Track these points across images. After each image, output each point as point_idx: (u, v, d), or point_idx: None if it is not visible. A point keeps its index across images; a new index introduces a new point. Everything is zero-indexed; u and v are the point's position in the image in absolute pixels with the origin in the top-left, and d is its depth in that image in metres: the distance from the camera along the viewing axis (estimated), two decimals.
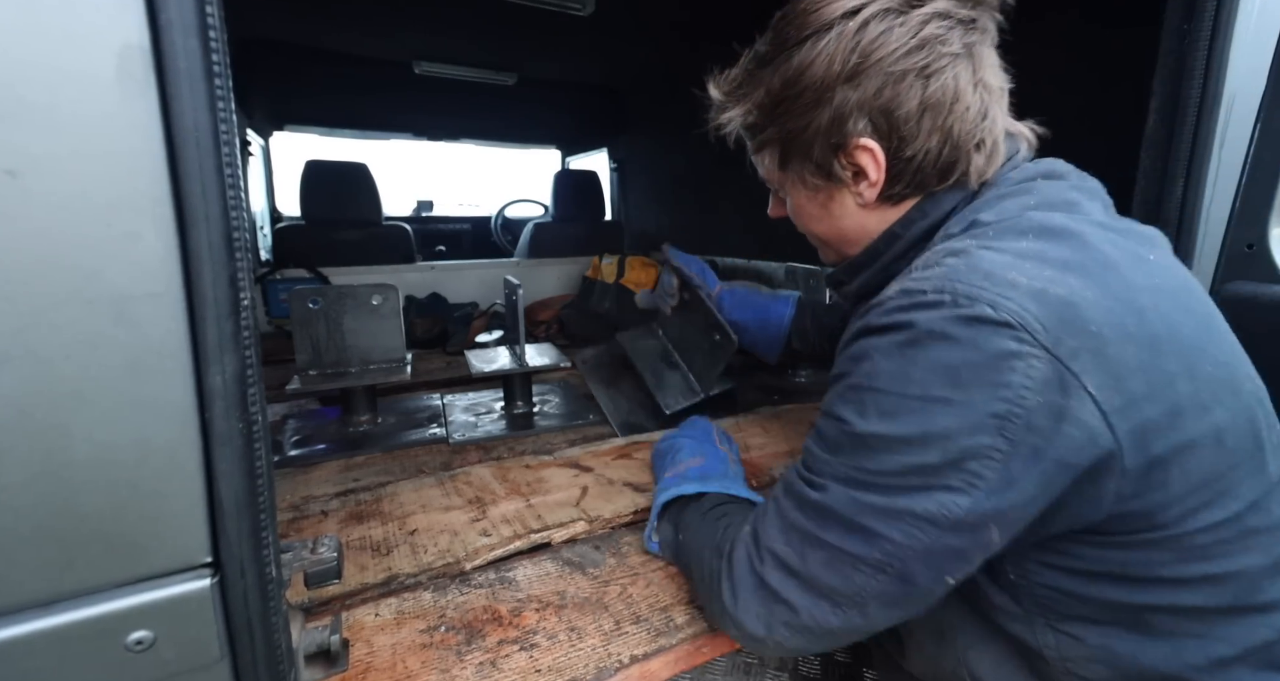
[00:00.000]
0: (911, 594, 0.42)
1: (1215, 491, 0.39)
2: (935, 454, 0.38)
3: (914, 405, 0.39)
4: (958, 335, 0.38)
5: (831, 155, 0.53)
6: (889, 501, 0.40)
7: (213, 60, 0.33)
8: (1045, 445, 0.37)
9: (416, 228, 2.53)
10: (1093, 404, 0.36)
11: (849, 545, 0.42)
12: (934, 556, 0.40)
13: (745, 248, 2.11)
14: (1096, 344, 0.37)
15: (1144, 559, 0.40)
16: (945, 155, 0.50)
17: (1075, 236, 0.42)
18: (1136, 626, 0.41)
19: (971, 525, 0.38)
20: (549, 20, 1.75)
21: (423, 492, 0.92)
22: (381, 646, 0.59)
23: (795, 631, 0.46)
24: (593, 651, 0.59)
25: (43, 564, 0.35)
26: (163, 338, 0.35)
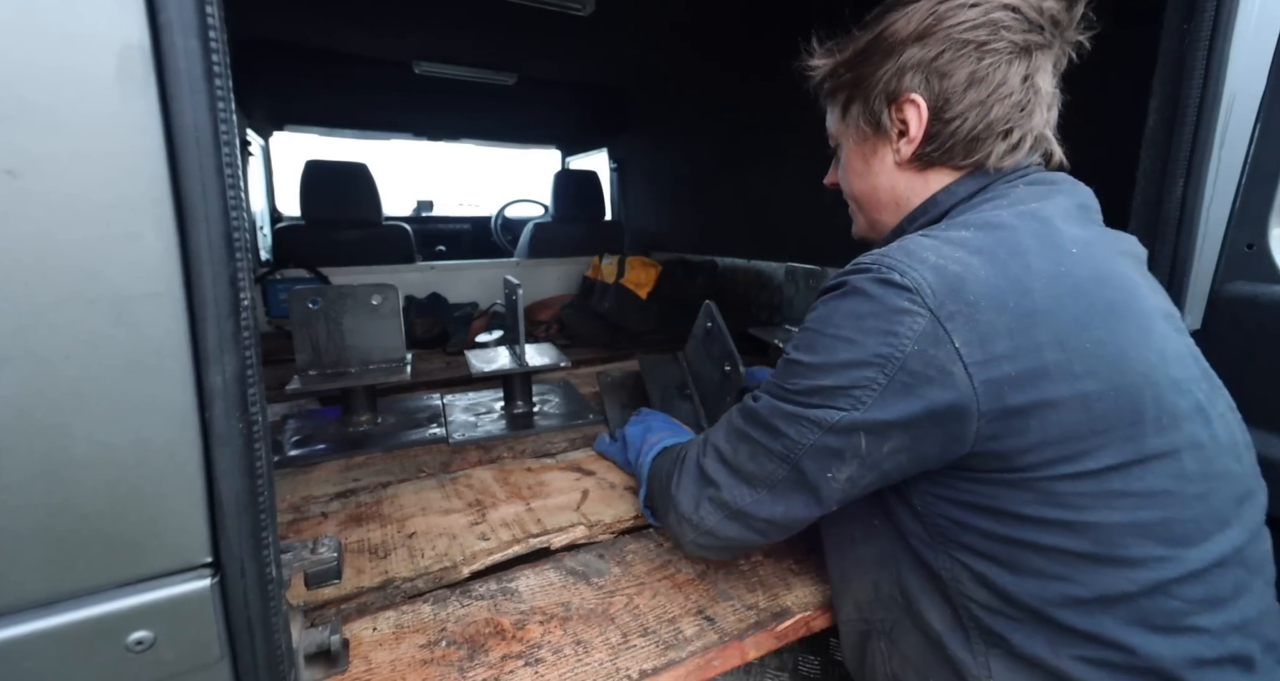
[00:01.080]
0: (804, 483, 0.53)
1: (1076, 449, 0.45)
2: (832, 379, 0.49)
3: (827, 341, 0.50)
4: (871, 292, 0.48)
5: (885, 105, 0.60)
6: (795, 410, 0.52)
7: (213, 60, 0.33)
8: (914, 383, 0.46)
9: (416, 228, 2.53)
10: (958, 357, 0.45)
11: (764, 439, 0.54)
12: (818, 452, 0.51)
13: (745, 248, 2.11)
14: (970, 311, 0.46)
15: (1009, 496, 0.47)
16: (977, 131, 0.56)
17: (1003, 228, 0.51)
18: (1007, 560, 0.48)
19: (844, 431, 0.49)
20: (549, 20, 1.75)
21: (423, 495, 0.91)
22: (380, 663, 0.58)
23: (717, 507, 0.59)
24: (600, 666, 0.58)
25: (43, 564, 0.35)
26: (163, 338, 0.35)
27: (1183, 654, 0.45)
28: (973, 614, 0.51)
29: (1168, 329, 0.52)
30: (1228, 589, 0.46)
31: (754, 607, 0.68)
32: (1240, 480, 0.50)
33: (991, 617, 0.50)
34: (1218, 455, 0.49)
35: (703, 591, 0.70)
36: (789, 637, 0.67)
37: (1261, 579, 0.49)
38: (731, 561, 0.76)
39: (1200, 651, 0.45)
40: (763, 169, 1.99)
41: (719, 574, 0.74)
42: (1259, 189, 0.73)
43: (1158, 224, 0.72)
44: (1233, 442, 0.51)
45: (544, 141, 3.43)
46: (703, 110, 2.34)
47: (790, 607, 0.68)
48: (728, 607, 0.68)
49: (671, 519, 0.65)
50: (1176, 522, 0.46)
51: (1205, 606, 0.45)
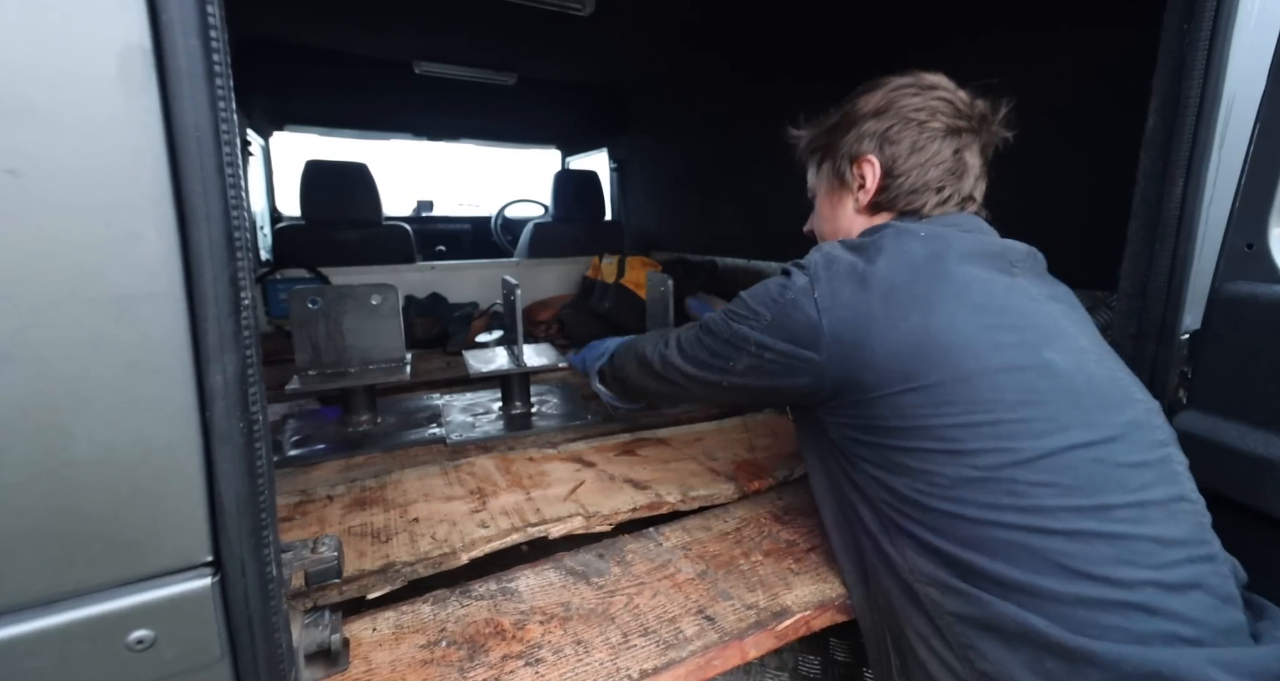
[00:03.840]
0: (715, 362, 0.72)
1: (905, 369, 0.59)
2: (750, 307, 0.68)
3: (758, 290, 0.69)
4: (787, 268, 0.68)
5: (848, 164, 0.77)
6: (729, 317, 0.71)
7: (213, 60, 0.33)
8: (790, 317, 0.64)
9: (416, 228, 2.53)
10: (814, 303, 0.63)
11: (701, 335, 0.75)
12: (728, 344, 0.70)
13: (745, 248, 2.11)
14: (831, 276, 0.64)
15: (876, 414, 0.62)
16: (917, 186, 0.73)
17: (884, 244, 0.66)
18: (889, 466, 0.62)
19: (744, 338, 0.68)
20: (549, 20, 1.75)
21: (426, 481, 0.92)
22: (380, 663, 0.58)
23: (660, 355, 0.81)
24: (600, 666, 0.58)
25: (43, 563, 0.35)
26: (163, 337, 0.35)
27: (1034, 524, 0.54)
28: (887, 515, 0.63)
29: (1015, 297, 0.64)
30: (1075, 477, 0.55)
31: (754, 607, 0.68)
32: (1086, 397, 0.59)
33: (898, 517, 0.62)
34: (1051, 376, 0.59)
35: (703, 591, 0.70)
36: (789, 637, 0.67)
37: (1139, 479, 0.57)
38: (731, 560, 0.76)
39: (1049, 524, 0.54)
40: (763, 169, 1.99)
41: (719, 573, 0.74)
42: (1259, 189, 0.73)
43: (1158, 224, 0.72)
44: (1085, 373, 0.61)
45: (544, 141, 3.42)
46: (703, 110, 2.34)
47: (790, 607, 0.68)
48: (728, 607, 0.68)
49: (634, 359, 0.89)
50: (1004, 423, 0.57)
51: (1049, 489, 0.55)
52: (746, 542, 0.81)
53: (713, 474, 0.97)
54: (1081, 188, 1.11)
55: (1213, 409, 0.76)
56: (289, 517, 0.82)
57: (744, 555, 0.78)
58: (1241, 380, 0.74)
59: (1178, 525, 0.56)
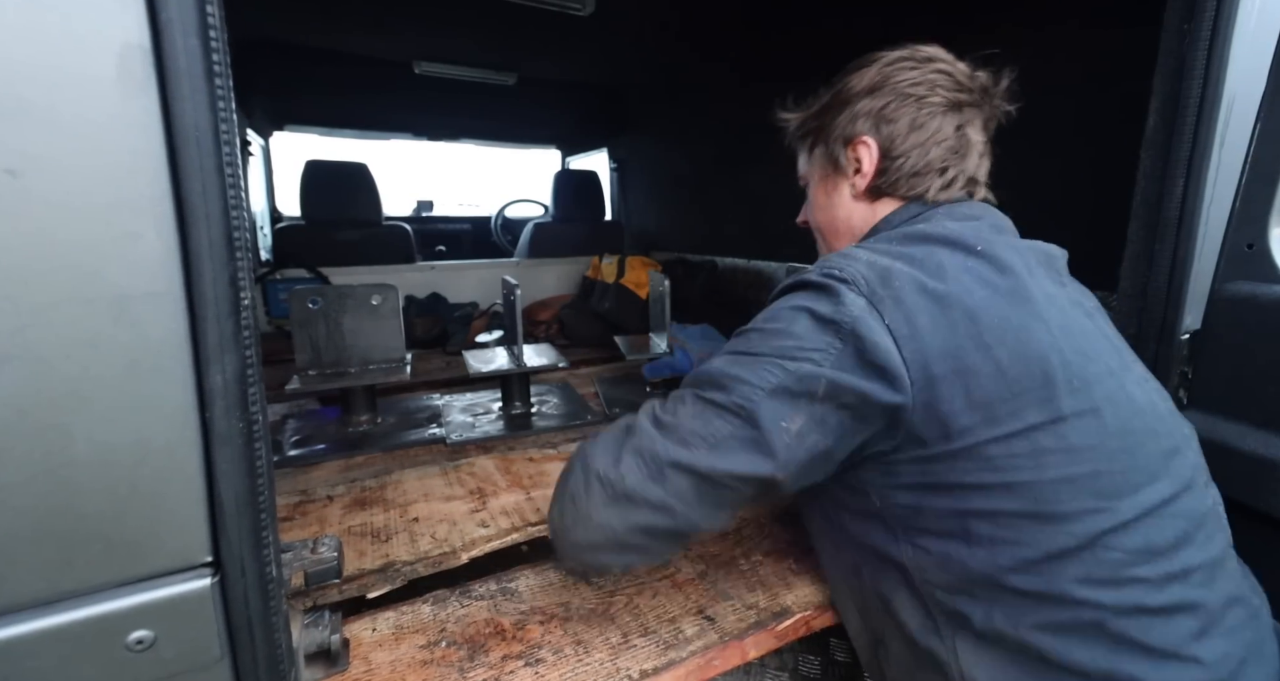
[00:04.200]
0: (755, 433, 0.52)
1: (999, 411, 0.50)
2: (794, 340, 0.53)
3: (787, 314, 0.55)
4: (818, 282, 0.55)
5: (843, 146, 0.70)
6: (759, 358, 0.53)
7: (213, 60, 0.33)
8: (860, 351, 0.51)
9: (416, 228, 2.53)
10: (887, 330, 0.51)
11: (716, 396, 0.54)
12: (776, 398, 0.51)
13: (745, 248, 2.11)
14: (896, 294, 0.52)
15: (952, 468, 0.51)
16: (918, 167, 0.66)
17: (920, 236, 0.59)
18: (963, 534, 0.51)
19: (810, 378, 0.51)
20: (549, 20, 1.75)
21: (426, 481, 0.92)
22: (380, 663, 0.58)
23: (644, 460, 0.54)
24: (600, 666, 0.58)
25: (43, 563, 0.35)
26: (163, 337, 0.35)
27: (1127, 603, 0.47)
28: (937, 599, 0.54)
29: (1076, 313, 0.58)
30: (1164, 539, 0.49)
31: (754, 607, 0.68)
32: (1165, 437, 0.54)
33: (954, 599, 0.52)
34: (1136, 414, 0.53)
35: (703, 591, 0.70)
36: (789, 637, 0.67)
37: (1204, 532, 0.52)
38: (731, 560, 0.76)
39: (1143, 599, 0.48)
40: (763, 169, 1.98)
41: (719, 573, 0.74)
42: (1259, 189, 0.73)
43: (1158, 224, 0.72)
44: (1151, 403, 0.56)
45: (544, 141, 3.42)
46: (703, 110, 2.34)
47: (790, 607, 0.68)
48: (728, 607, 0.68)
49: (575, 483, 0.56)
50: (1104, 475, 0.50)
51: (1144, 556, 0.49)
52: (746, 542, 0.81)
53: None
54: (1082, 187, 1.11)
55: (1213, 409, 0.76)
56: (289, 517, 0.82)
57: (744, 555, 0.78)
58: (1241, 380, 0.74)
59: (1233, 580, 0.52)
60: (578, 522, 0.56)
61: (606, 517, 0.54)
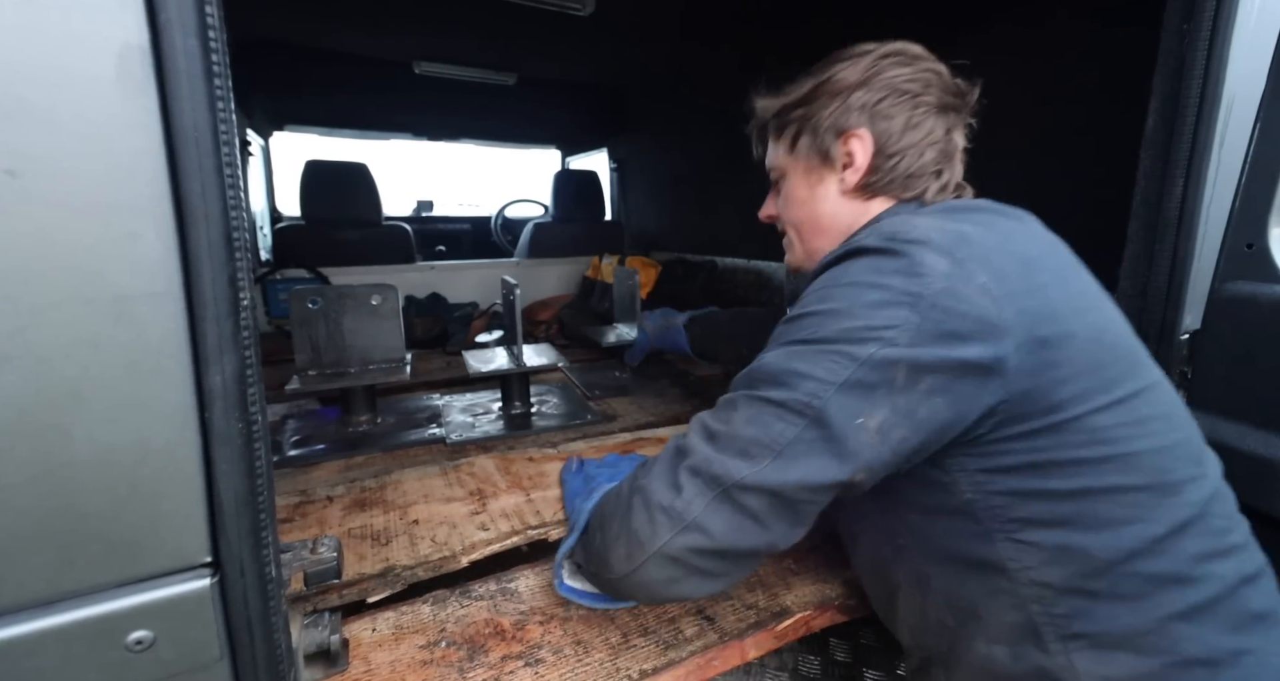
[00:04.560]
0: (827, 436, 0.46)
1: (1104, 377, 0.47)
2: (861, 320, 0.46)
3: (845, 290, 0.49)
4: (883, 246, 0.49)
5: (834, 138, 0.65)
6: (819, 346, 0.47)
7: (212, 60, 0.33)
8: (947, 319, 0.45)
9: (416, 228, 2.53)
10: (984, 290, 0.45)
11: (774, 393, 0.48)
12: (849, 392, 0.45)
13: (745, 248, 2.11)
14: (983, 253, 0.48)
15: (1062, 443, 0.46)
16: (913, 169, 0.63)
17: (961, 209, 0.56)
18: (1080, 518, 0.46)
19: (886, 364, 0.45)
20: (549, 20, 1.75)
21: (426, 482, 0.92)
22: (379, 664, 0.58)
23: (705, 484, 0.48)
24: (600, 666, 0.58)
25: (43, 563, 0.35)
26: (163, 337, 0.35)
27: (1235, 572, 0.46)
28: (1045, 605, 0.47)
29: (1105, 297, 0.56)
30: (1233, 503, 0.50)
31: (754, 607, 0.68)
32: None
33: (1069, 600, 0.46)
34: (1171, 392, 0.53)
35: None
36: (789, 637, 0.67)
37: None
38: None
39: (1244, 568, 0.46)
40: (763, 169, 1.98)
41: None
42: (1259, 189, 0.73)
43: (1158, 224, 0.72)
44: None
45: (544, 141, 3.42)
46: (703, 110, 2.34)
47: (790, 607, 0.68)
48: (727, 607, 0.68)
49: (638, 523, 0.50)
50: (1190, 440, 0.49)
51: (1235, 520, 0.48)
52: None
53: None
54: (1081, 187, 1.11)
55: (1213, 409, 0.76)
56: (289, 519, 0.82)
57: None
58: (1241, 380, 0.74)
59: None
60: (649, 562, 0.50)
61: (678, 551, 0.49)
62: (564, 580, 0.65)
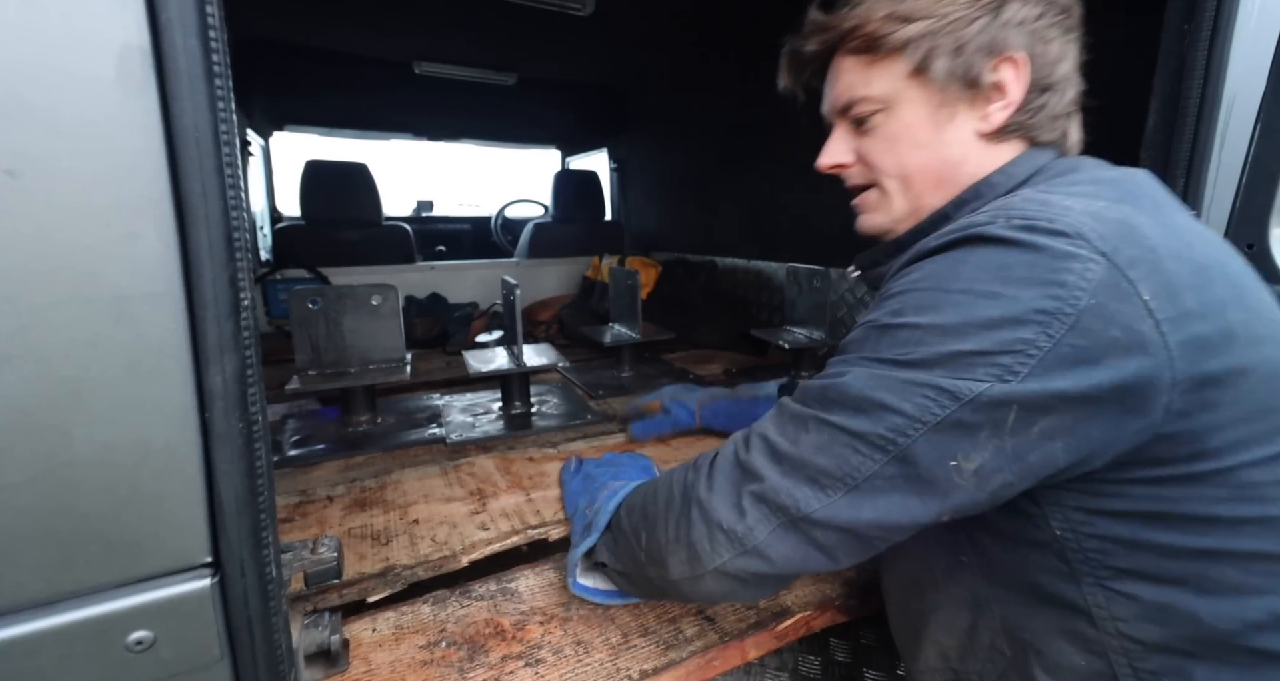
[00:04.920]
0: (912, 477, 0.40)
1: (1268, 426, 0.38)
2: (970, 343, 0.38)
3: (956, 297, 0.39)
4: (1013, 236, 0.39)
5: (985, 59, 0.51)
6: (911, 375, 0.39)
7: (213, 60, 0.33)
8: (1089, 347, 0.36)
9: (416, 228, 2.53)
10: (1146, 311, 0.36)
11: (851, 423, 0.41)
12: (943, 432, 0.38)
13: (745, 248, 2.11)
14: (1153, 256, 0.37)
15: (1198, 495, 0.39)
16: (1063, 107, 0.52)
17: (1124, 183, 0.45)
18: (1197, 580, 0.39)
19: (992, 405, 0.37)
20: (549, 20, 1.75)
21: (426, 482, 0.92)
22: (380, 664, 0.58)
23: (769, 511, 0.44)
24: (600, 666, 0.58)
25: (43, 564, 0.35)
26: (163, 338, 0.35)
27: None
28: (1132, 660, 0.41)
29: None
30: None
31: (754, 607, 0.68)
32: None
33: (1162, 658, 0.40)
34: None
35: None
36: (789, 637, 0.67)
37: None
38: None
39: None
40: (763, 169, 1.98)
41: None
42: (1259, 189, 0.73)
43: None
44: None
45: (544, 141, 3.43)
46: (703, 110, 2.34)
47: (790, 607, 0.68)
48: (728, 607, 0.68)
49: (697, 537, 0.48)
50: None
51: None
52: None
53: None
54: None
55: None
56: (289, 519, 0.82)
57: None
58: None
59: None
60: (707, 577, 0.49)
61: (737, 571, 0.47)
62: (577, 579, 0.64)
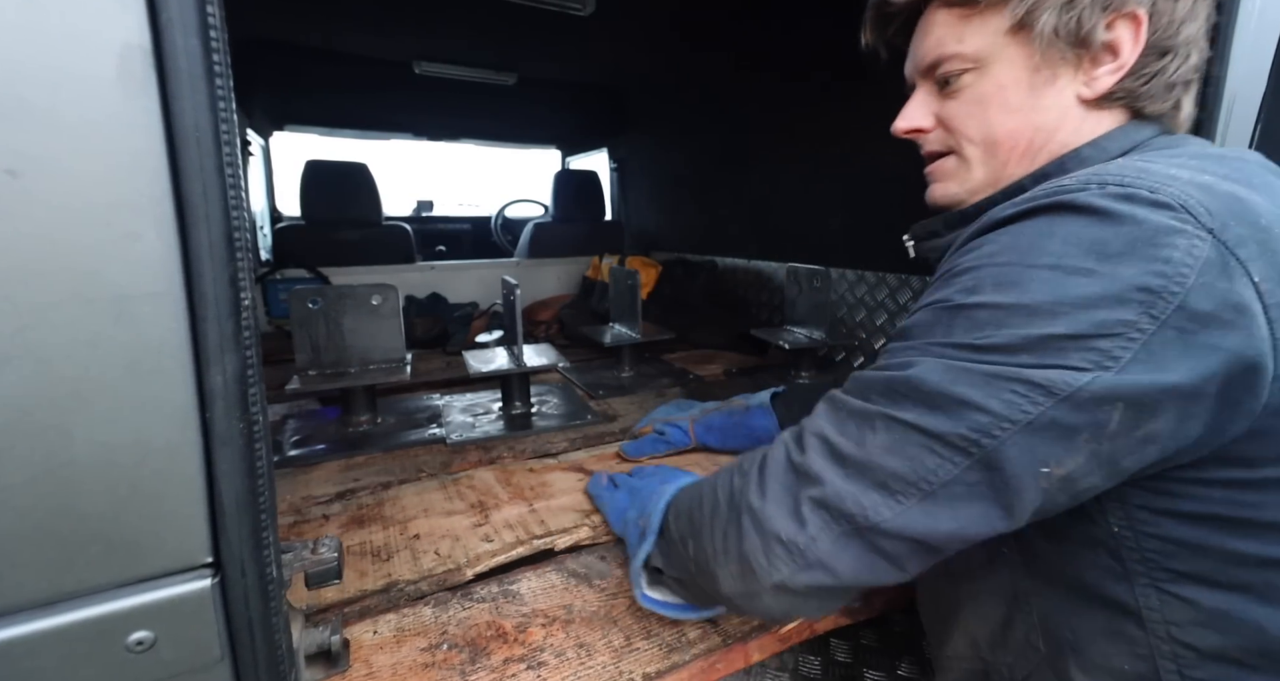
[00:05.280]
0: (993, 484, 0.36)
1: None
2: (1062, 325, 0.34)
3: (1043, 274, 0.35)
4: (1109, 208, 0.35)
5: (1100, 14, 0.45)
6: (996, 368, 0.35)
7: (214, 60, 0.33)
8: (1197, 330, 0.33)
9: (416, 228, 2.53)
10: (1256, 295, 0.33)
11: (927, 421, 0.37)
12: (1036, 434, 0.34)
13: (745, 248, 2.11)
14: (1264, 236, 0.34)
15: (1276, 501, 0.36)
16: (1181, 74, 0.47)
17: (1233, 160, 0.41)
18: (1264, 588, 0.37)
19: (1093, 400, 0.33)
20: (549, 20, 1.75)
21: (425, 496, 0.91)
22: (381, 666, 0.58)
23: (831, 518, 0.40)
24: (603, 669, 0.58)
25: (43, 564, 0.34)
26: (163, 338, 0.35)
27: None
28: (1182, 667, 0.39)
29: None
30: None
31: None
32: None
33: (1216, 667, 0.39)
34: None
35: None
36: (792, 640, 0.66)
37: None
38: None
39: None
40: (763, 169, 1.98)
41: None
42: None
43: None
44: None
45: (544, 141, 3.43)
46: (703, 110, 2.34)
47: None
48: None
49: (750, 548, 0.44)
50: None
51: None
52: None
53: None
54: None
55: None
56: (284, 538, 0.81)
57: None
58: None
59: None
60: (765, 594, 0.44)
61: (799, 587, 0.42)
62: (644, 590, 0.59)
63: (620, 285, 1.59)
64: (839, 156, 1.65)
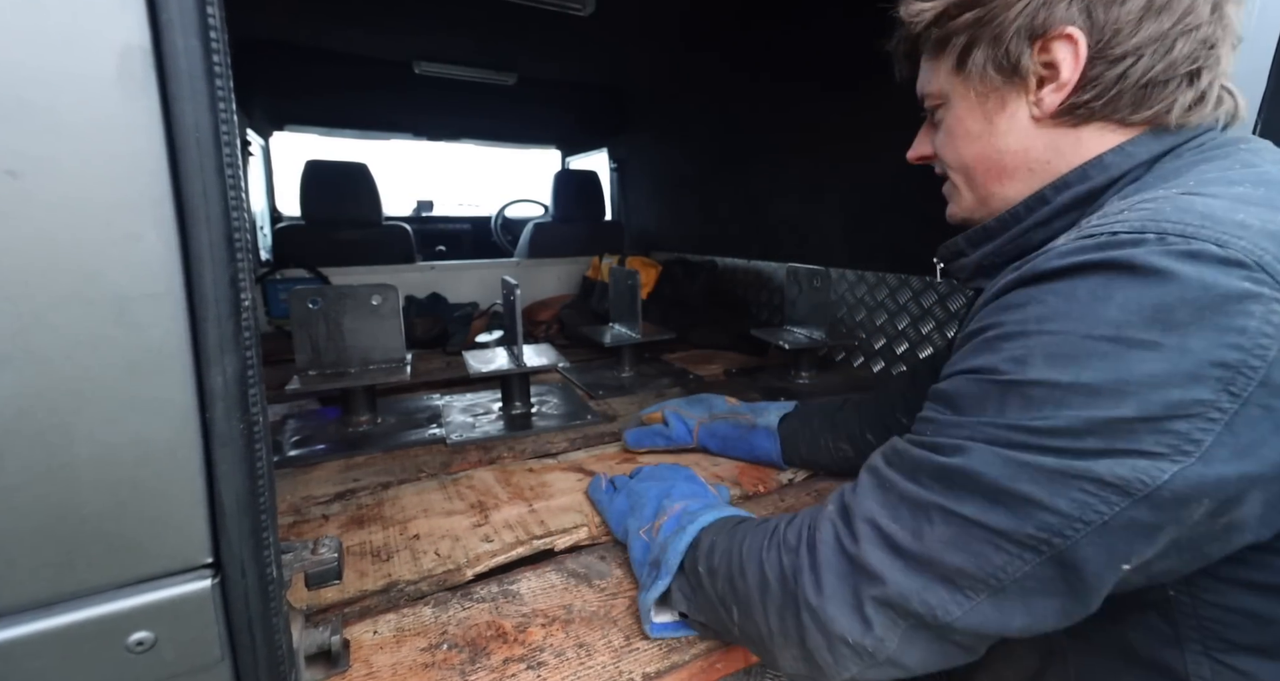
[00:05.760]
0: (1069, 581, 0.33)
1: None
2: (1131, 407, 0.31)
3: (1103, 348, 0.32)
4: (1172, 269, 0.31)
5: (1026, 44, 0.47)
6: (1060, 462, 0.32)
7: (214, 60, 0.33)
8: (1276, 402, 0.30)
9: (416, 228, 2.54)
10: None
11: (990, 518, 0.34)
12: (1112, 534, 0.32)
13: (745, 248, 2.11)
14: None
15: None
16: (1154, 73, 0.43)
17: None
18: None
19: (1176, 499, 0.31)
20: (549, 20, 1.75)
21: (424, 496, 0.91)
22: (381, 666, 0.58)
23: (896, 616, 0.38)
24: (603, 669, 0.58)
25: (43, 564, 0.34)
26: (163, 338, 0.35)
27: None
28: None
29: None
30: None
31: None
32: None
33: None
34: None
35: None
36: None
37: None
38: None
39: None
40: (763, 169, 1.99)
41: None
42: None
43: None
44: None
45: (544, 141, 3.43)
46: (703, 110, 2.34)
47: None
48: None
49: (814, 643, 0.42)
50: None
51: None
52: None
53: (715, 478, 0.97)
54: None
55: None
56: (283, 538, 0.81)
57: None
58: None
59: None
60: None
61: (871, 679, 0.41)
62: (653, 620, 0.60)
63: (620, 285, 1.59)
64: (839, 156, 1.65)
